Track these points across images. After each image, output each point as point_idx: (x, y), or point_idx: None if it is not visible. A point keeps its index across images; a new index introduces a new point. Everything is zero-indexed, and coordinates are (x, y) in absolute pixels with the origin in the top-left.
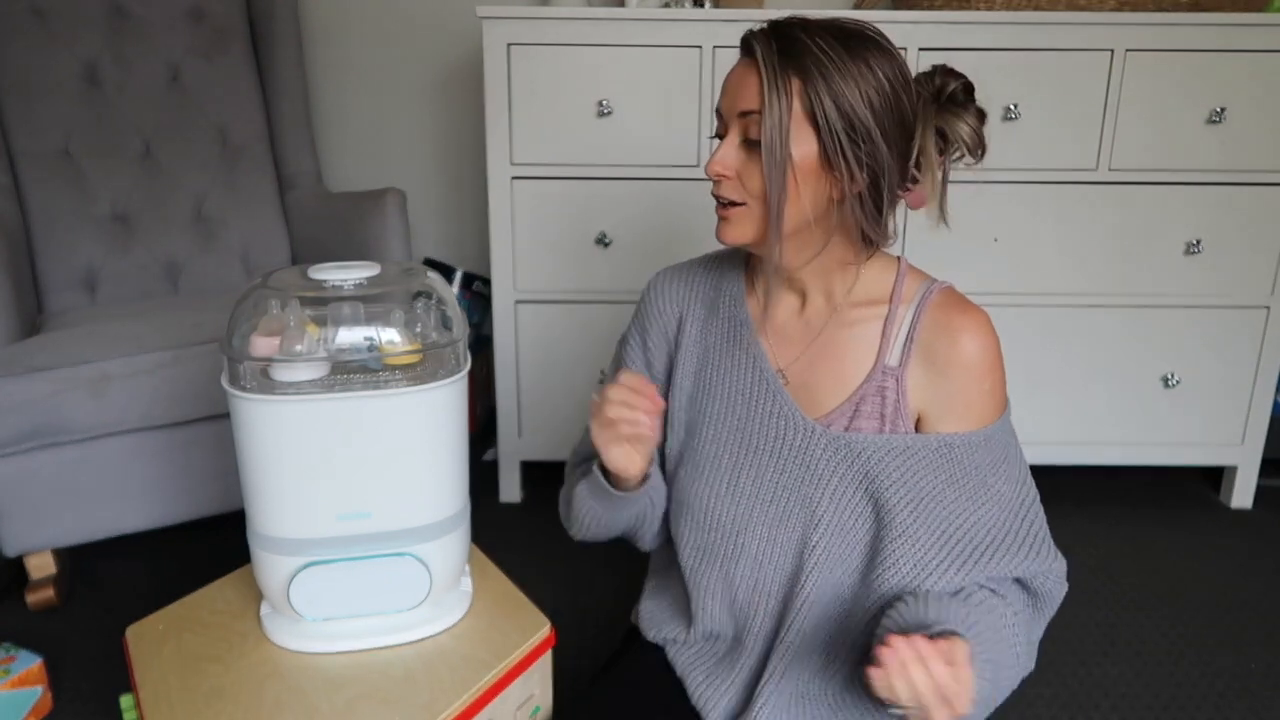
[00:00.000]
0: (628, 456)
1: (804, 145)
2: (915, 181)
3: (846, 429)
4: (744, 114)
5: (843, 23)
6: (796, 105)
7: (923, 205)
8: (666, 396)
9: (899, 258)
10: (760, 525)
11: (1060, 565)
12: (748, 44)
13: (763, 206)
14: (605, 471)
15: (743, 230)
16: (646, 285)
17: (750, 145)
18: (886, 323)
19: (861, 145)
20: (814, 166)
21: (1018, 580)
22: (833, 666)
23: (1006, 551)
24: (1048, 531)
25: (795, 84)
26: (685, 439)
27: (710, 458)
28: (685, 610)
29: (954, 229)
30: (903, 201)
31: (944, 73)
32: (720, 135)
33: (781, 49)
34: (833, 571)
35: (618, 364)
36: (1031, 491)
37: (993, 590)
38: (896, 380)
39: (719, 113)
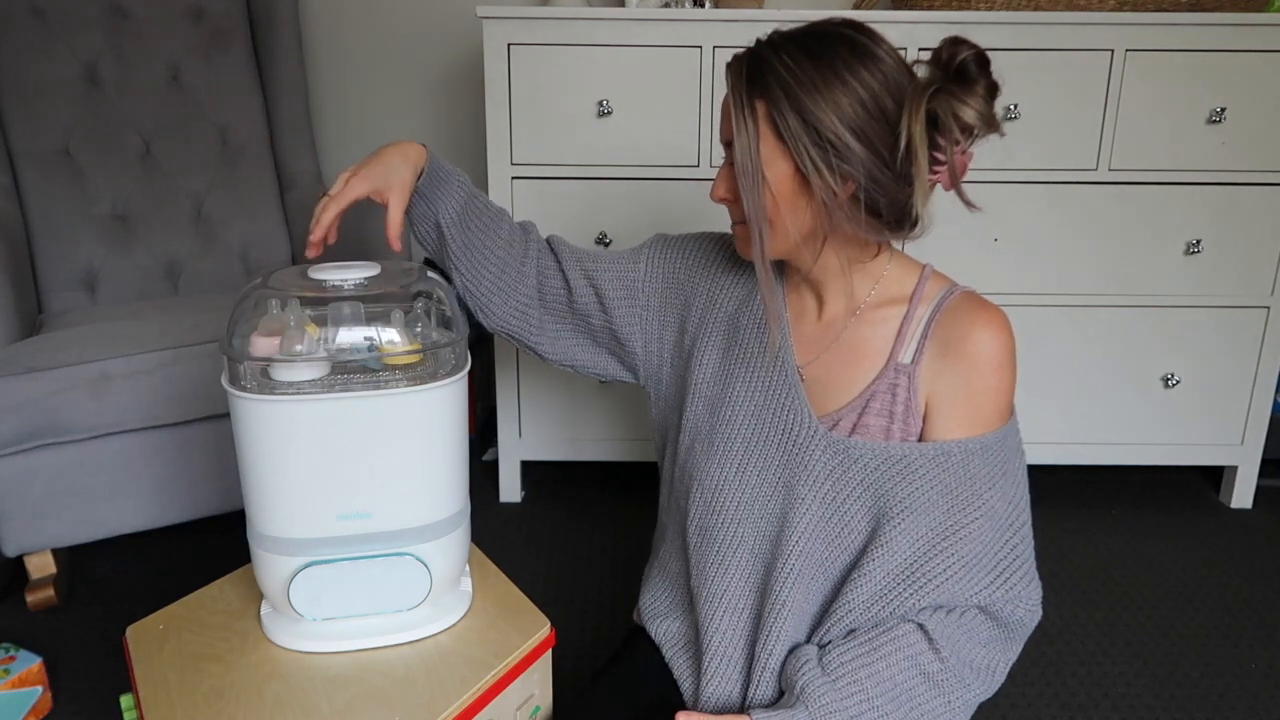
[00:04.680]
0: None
1: (778, 167)
2: (940, 163)
3: (854, 427)
4: (728, 143)
5: (819, 30)
6: (765, 129)
7: (953, 187)
8: (685, 365)
9: (925, 264)
10: (759, 518)
11: (1035, 592)
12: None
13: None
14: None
15: (746, 247)
16: (717, 233)
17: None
18: (904, 322)
19: (835, 158)
20: (793, 185)
21: (982, 608)
22: None
23: (982, 572)
24: (1031, 557)
25: (761, 108)
26: (706, 415)
27: (725, 439)
28: (683, 601)
29: (954, 229)
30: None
31: (952, 43)
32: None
33: (749, 74)
34: (814, 578)
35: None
36: (1024, 514)
37: (929, 639)
38: (908, 378)
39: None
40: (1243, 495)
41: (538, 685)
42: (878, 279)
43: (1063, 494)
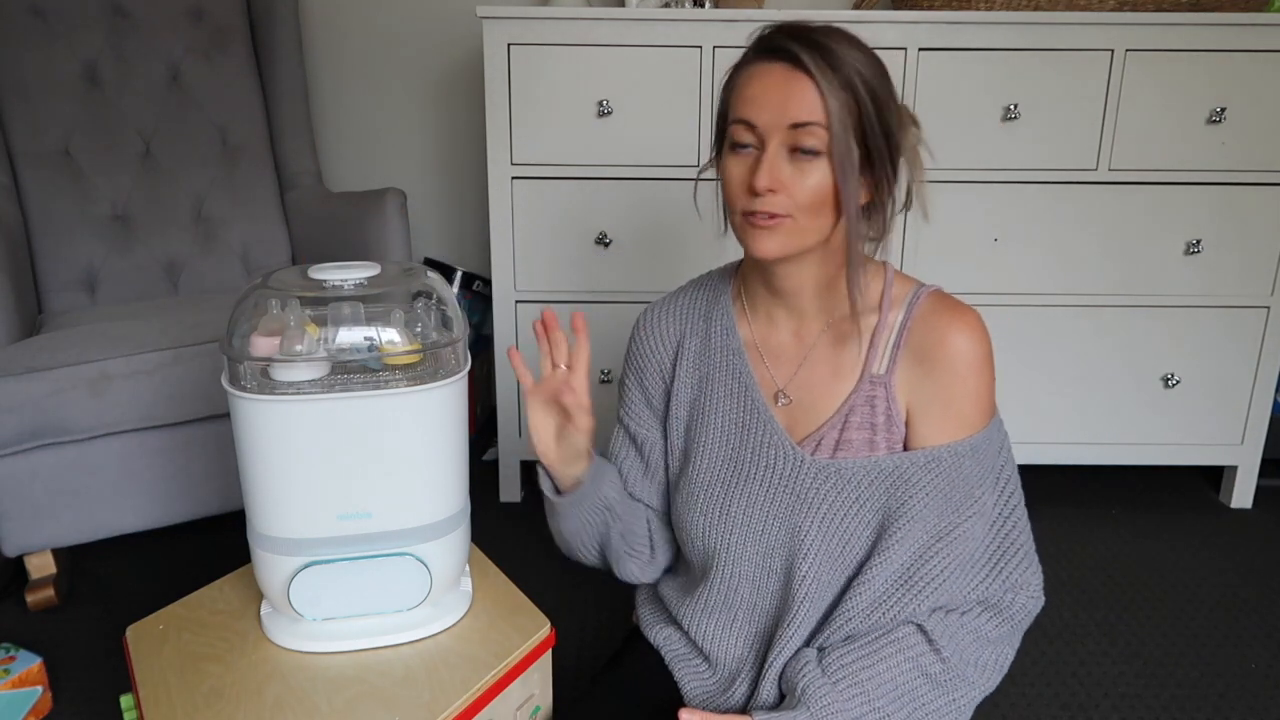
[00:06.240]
0: (543, 422)
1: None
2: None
3: (837, 442)
4: (798, 125)
5: (850, 31)
6: (850, 124)
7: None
8: (665, 427)
9: (884, 263)
10: (754, 555)
11: (1034, 578)
12: (781, 50)
13: (809, 217)
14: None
15: (786, 242)
16: (635, 324)
17: (796, 156)
18: (875, 331)
19: (891, 154)
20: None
21: (982, 603)
22: None
23: (977, 568)
24: (1028, 542)
25: (846, 96)
26: (682, 465)
27: (704, 486)
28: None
29: (954, 229)
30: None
31: None
32: (741, 145)
33: (824, 60)
34: (823, 598)
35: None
36: (1013, 502)
37: (929, 640)
38: (885, 388)
39: (747, 124)
40: (1243, 495)
41: (538, 685)
42: (846, 289)
43: (1063, 494)
